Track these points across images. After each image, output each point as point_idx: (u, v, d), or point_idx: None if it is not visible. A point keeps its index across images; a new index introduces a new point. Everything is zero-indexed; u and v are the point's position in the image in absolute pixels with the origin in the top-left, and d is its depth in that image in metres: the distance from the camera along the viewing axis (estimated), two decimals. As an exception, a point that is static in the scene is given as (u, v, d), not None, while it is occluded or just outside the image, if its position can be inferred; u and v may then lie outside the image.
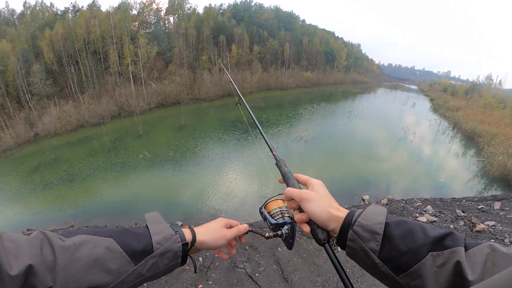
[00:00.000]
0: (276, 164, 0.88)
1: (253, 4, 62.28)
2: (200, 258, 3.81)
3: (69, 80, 32.41)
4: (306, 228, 0.69)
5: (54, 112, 26.90)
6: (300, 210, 0.71)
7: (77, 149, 19.61)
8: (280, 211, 0.80)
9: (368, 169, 14.08)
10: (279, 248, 4.10)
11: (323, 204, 0.67)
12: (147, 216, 0.72)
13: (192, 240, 0.72)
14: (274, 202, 0.82)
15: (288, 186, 0.79)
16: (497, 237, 4.71)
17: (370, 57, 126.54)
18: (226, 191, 11.56)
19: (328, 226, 0.65)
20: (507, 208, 6.70)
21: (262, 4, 65.02)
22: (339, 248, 0.66)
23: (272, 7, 67.32)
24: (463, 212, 6.61)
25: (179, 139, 19.61)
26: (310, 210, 0.67)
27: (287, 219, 0.79)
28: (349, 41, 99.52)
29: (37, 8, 38.70)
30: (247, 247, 4.13)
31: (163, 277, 3.23)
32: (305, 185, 0.76)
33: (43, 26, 35.36)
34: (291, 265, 3.76)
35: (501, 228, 5.11)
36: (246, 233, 0.85)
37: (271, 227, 0.81)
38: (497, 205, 6.95)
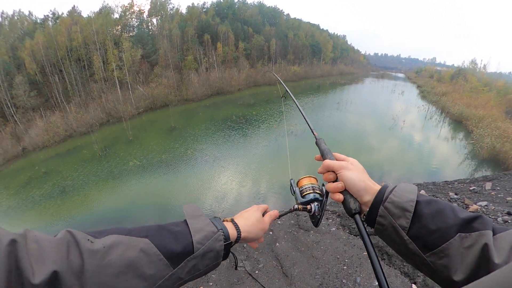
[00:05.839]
0: (316, 142, 0.92)
1: (236, 1, 61.88)
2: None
3: (54, 90, 31.73)
4: (339, 197, 0.68)
5: (41, 124, 26.32)
6: (335, 181, 0.71)
7: (67, 160, 19.25)
8: (311, 186, 0.79)
9: (360, 158, 13.87)
10: (277, 244, 4.10)
11: (361, 174, 0.69)
12: (186, 209, 0.66)
13: (237, 237, 0.68)
14: (306, 179, 0.82)
15: None
16: (490, 216, 4.79)
17: (356, 48, 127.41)
18: (220, 191, 11.54)
19: (363, 197, 0.66)
20: (498, 188, 6.85)
21: (245, 1, 64.75)
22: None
23: (255, 3, 67.03)
24: (456, 194, 6.71)
25: (169, 142, 19.45)
26: (347, 177, 0.68)
27: (317, 196, 0.78)
28: (334, 33, 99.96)
29: (15, 17, 37.66)
30: (245, 245, 4.10)
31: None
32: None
33: (23, 36, 34.44)
34: (290, 260, 3.76)
35: (493, 207, 5.21)
36: (276, 218, 0.82)
37: (300, 202, 0.80)
38: (488, 185, 7.10)
